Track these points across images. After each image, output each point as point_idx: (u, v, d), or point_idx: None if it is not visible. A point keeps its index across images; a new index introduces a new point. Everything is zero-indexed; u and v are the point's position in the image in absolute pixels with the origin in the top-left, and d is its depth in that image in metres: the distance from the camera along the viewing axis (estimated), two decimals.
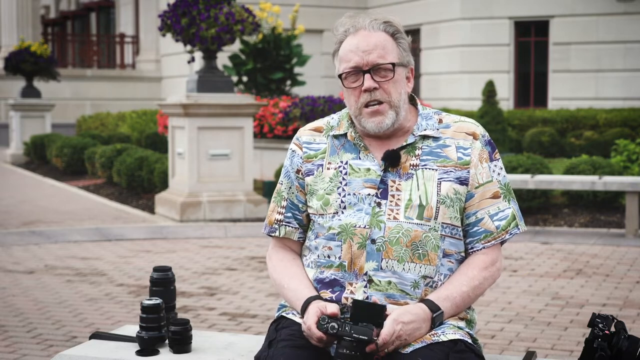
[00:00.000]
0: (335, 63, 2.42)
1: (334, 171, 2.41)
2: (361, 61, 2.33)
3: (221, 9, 9.50)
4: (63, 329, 5.09)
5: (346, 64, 2.35)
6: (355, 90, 2.35)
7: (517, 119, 14.96)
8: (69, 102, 23.70)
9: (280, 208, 2.49)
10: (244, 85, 15.45)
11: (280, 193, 2.51)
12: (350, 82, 2.36)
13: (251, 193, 9.90)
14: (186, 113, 9.56)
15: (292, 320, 2.40)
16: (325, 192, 2.40)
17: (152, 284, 2.69)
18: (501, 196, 2.40)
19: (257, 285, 6.29)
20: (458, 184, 2.36)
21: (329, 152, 2.45)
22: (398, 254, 2.31)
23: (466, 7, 17.60)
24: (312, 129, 2.51)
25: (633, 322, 5.22)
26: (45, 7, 35.00)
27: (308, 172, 2.45)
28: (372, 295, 2.32)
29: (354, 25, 2.36)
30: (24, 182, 14.25)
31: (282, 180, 2.52)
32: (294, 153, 2.49)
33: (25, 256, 7.54)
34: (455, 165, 2.37)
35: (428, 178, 2.35)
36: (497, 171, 2.42)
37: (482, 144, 2.41)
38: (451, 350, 2.25)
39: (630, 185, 8.43)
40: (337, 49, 2.40)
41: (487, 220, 2.39)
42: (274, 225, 2.51)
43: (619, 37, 16.37)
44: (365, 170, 2.38)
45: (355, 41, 2.34)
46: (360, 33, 2.35)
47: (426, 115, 2.43)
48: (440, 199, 2.34)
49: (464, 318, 2.40)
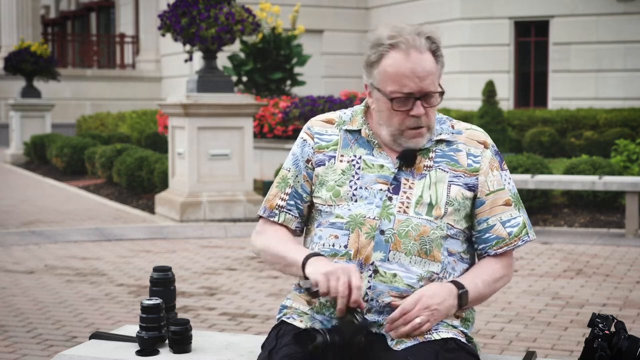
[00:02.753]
0: (374, 74, 2.37)
1: (347, 164, 2.42)
2: (415, 88, 2.31)
3: (221, 9, 9.50)
4: (63, 329, 5.09)
5: (398, 88, 2.32)
6: (402, 113, 2.35)
7: (517, 119, 14.95)
8: (69, 102, 23.70)
9: (284, 194, 2.47)
10: (244, 85, 15.45)
11: (285, 180, 2.49)
12: (399, 105, 2.34)
13: (251, 193, 9.90)
14: (186, 113, 9.56)
15: (294, 326, 2.39)
16: (337, 184, 2.40)
17: (152, 284, 2.69)
18: (512, 204, 2.44)
19: (257, 285, 6.29)
20: (466, 189, 2.40)
21: (341, 145, 2.45)
22: (406, 247, 2.32)
23: (466, 7, 17.60)
24: (323, 120, 2.51)
25: (633, 322, 5.22)
26: (45, 7, 35.00)
27: (319, 163, 2.45)
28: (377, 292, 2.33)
29: (404, 42, 2.31)
30: (24, 182, 14.25)
31: (289, 167, 2.49)
32: (305, 142, 2.49)
33: (25, 256, 7.54)
34: (464, 171, 2.41)
35: (440, 179, 2.38)
36: (508, 180, 2.47)
37: (492, 153, 2.46)
38: (441, 349, 2.26)
39: (630, 185, 8.43)
40: (377, 61, 2.35)
41: (499, 226, 2.42)
42: (275, 210, 2.48)
43: (619, 37, 16.36)
44: (378, 167, 2.40)
45: (409, 65, 2.31)
46: (413, 55, 2.31)
47: (440, 119, 2.46)
48: (449, 200, 2.37)
49: (459, 316, 2.40)
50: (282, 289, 6.15)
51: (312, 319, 2.40)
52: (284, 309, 2.50)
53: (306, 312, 2.42)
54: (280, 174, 2.52)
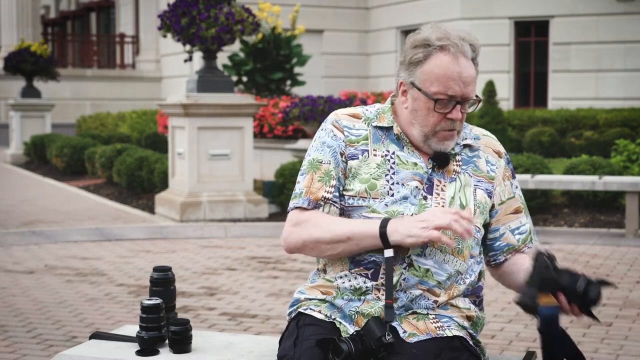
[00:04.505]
0: (417, 73, 2.37)
1: (381, 159, 2.41)
2: (459, 92, 2.34)
3: (221, 9, 9.50)
4: (63, 329, 5.09)
5: (443, 89, 2.34)
6: (440, 115, 2.37)
7: (517, 119, 14.95)
8: (69, 102, 23.70)
9: (329, 187, 2.41)
10: (244, 85, 15.45)
11: (328, 173, 2.41)
12: (440, 107, 2.36)
13: (251, 193, 9.90)
14: (186, 113, 9.57)
15: (314, 317, 2.38)
16: (372, 177, 2.39)
17: (152, 284, 2.69)
18: (522, 211, 2.52)
19: (257, 285, 6.29)
20: (487, 195, 2.46)
21: (372, 140, 2.44)
22: (442, 244, 2.33)
23: (466, 7, 17.60)
24: (349, 114, 2.48)
25: (633, 322, 5.22)
26: (45, 7, 35.00)
27: (352, 156, 2.42)
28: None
29: (454, 46, 2.33)
30: (24, 182, 14.25)
31: (327, 159, 2.42)
32: (336, 136, 2.44)
33: (25, 256, 7.54)
34: (485, 177, 2.47)
35: (467, 183, 2.43)
36: (518, 188, 2.55)
37: (505, 163, 2.52)
38: (446, 346, 2.28)
39: (630, 185, 8.43)
40: (423, 60, 2.36)
41: (509, 234, 2.50)
42: (320, 201, 2.41)
43: (619, 37, 16.37)
44: (412, 164, 2.41)
45: (458, 69, 2.33)
46: (461, 60, 2.34)
47: (464, 125, 2.49)
48: (477, 203, 2.42)
49: (471, 317, 2.41)
50: (282, 289, 6.15)
51: (331, 306, 2.39)
52: (297, 302, 2.47)
53: (324, 300, 2.41)
54: (317, 167, 2.43)
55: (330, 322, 2.37)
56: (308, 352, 2.26)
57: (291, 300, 2.52)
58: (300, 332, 2.34)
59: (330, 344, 2.19)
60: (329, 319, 2.38)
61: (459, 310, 2.39)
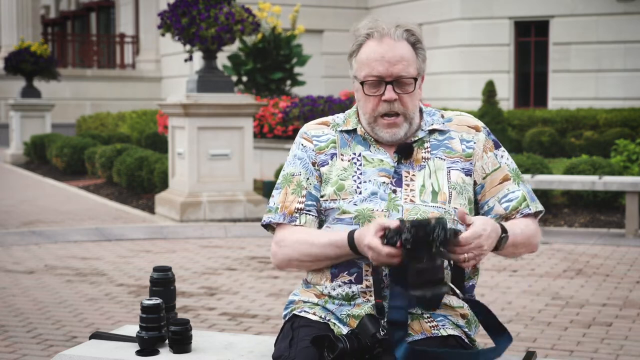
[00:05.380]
0: (353, 64, 2.44)
1: (348, 162, 2.44)
2: (385, 72, 2.35)
3: (221, 8, 9.50)
4: (63, 329, 5.09)
5: (369, 72, 2.37)
6: (375, 99, 2.39)
7: (517, 119, 14.95)
8: (69, 102, 23.70)
9: (301, 197, 2.45)
10: (244, 85, 15.45)
11: (299, 184, 2.46)
12: (370, 89, 2.38)
13: (251, 193, 9.90)
14: (186, 113, 9.56)
15: (308, 319, 2.40)
16: (340, 179, 2.42)
17: (152, 284, 2.69)
18: (510, 179, 2.46)
19: (257, 285, 6.29)
20: (464, 174, 2.43)
21: (339, 144, 2.48)
22: None
23: (466, 7, 17.59)
24: (318, 123, 2.55)
25: (633, 322, 5.22)
26: (45, 7, 35.00)
27: (322, 163, 2.47)
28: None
29: (379, 31, 2.37)
30: (24, 182, 14.25)
31: (298, 171, 2.47)
32: (305, 147, 2.50)
33: (25, 256, 7.54)
34: (460, 157, 2.44)
35: (438, 167, 2.41)
36: (505, 157, 2.49)
37: (485, 135, 2.48)
38: (442, 346, 2.28)
39: (630, 185, 8.43)
40: (356, 51, 2.43)
41: (497, 205, 2.45)
42: (295, 214, 2.45)
43: (619, 37, 16.36)
44: (378, 161, 2.42)
45: (381, 50, 2.36)
46: (386, 41, 2.37)
47: (429, 112, 2.50)
48: (451, 185, 2.39)
49: (465, 316, 2.41)
50: (282, 289, 6.15)
51: (324, 309, 2.41)
52: (291, 304, 2.50)
53: (317, 303, 2.43)
54: (290, 180, 2.48)
55: (325, 323, 2.38)
56: (303, 353, 2.26)
57: (286, 302, 2.54)
58: (295, 333, 2.36)
59: (325, 341, 2.20)
60: (323, 319, 2.39)
61: (452, 309, 2.39)
